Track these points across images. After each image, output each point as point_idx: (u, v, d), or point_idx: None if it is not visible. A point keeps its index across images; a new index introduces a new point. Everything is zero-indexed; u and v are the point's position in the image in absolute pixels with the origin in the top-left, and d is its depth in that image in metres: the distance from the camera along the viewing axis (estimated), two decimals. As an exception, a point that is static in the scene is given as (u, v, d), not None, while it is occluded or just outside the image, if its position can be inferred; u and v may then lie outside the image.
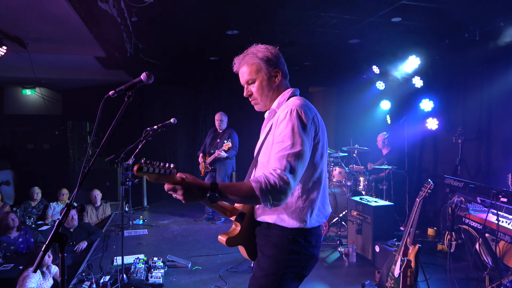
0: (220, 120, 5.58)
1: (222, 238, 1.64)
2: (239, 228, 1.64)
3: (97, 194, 5.70)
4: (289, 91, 1.66)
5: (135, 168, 1.24)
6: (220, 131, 5.62)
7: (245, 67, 1.65)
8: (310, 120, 1.49)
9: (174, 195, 1.36)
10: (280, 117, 1.51)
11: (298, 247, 1.54)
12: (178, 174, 1.36)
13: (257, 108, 1.71)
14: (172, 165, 1.31)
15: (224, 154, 5.33)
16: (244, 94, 1.69)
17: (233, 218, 1.65)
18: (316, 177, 1.56)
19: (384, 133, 5.71)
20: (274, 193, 1.37)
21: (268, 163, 1.52)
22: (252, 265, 1.86)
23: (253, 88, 1.65)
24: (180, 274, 3.76)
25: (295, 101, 1.55)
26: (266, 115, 1.75)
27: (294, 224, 1.53)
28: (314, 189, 1.56)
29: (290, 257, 1.54)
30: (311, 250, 1.58)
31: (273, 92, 1.65)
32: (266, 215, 1.59)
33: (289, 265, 1.54)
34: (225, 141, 5.26)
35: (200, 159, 5.67)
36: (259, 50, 1.63)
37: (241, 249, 1.70)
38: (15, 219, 4.31)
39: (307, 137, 1.47)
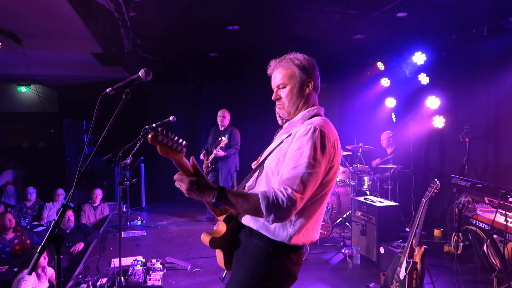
0: (222, 117, 5.52)
1: (205, 238, 1.59)
2: (224, 229, 1.60)
3: (99, 194, 5.62)
4: (315, 109, 1.63)
5: (151, 135, 1.23)
6: (222, 129, 5.56)
7: (279, 71, 1.64)
8: (330, 143, 1.48)
9: (178, 186, 1.36)
10: (301, 131, 1.49)
11: (278, 262, 1.50)
12: (192, 163, 1.38)
13: (281, 113, 1.70)
14: (184, 142, 1.31)
15: (221, 153, 5.24)
16: (273, 97, 1.67)
17: (221, 218, 1.62)
18: (317, 199, 1.53)
19: (388, 131, 5.64)
20: (280, 211, 1.36)
21: (276, 168, 1.51)
22: (224, 274, 1.79)
23: (283, 93, 1.64)
24: (179, 277, 3.70)
25: (320, 120, 1.53)
26: (285, 125, 1.71)
27: (277, 237, 1.49)
28: (311, 209, 1.53)
29: (268, 272, 1.49)
30: (291, 267, 1.53)
31: (301, 101, 1.64)
32: (252, 220, 1.55)
33: (266, 280, 1.49)
34: (222, 138, 5.19)
35: (202, 156, 5.62)
36: (297, 57, 1.63)
37: (219, 254, 1.66)
38: (12, 219, 4.29)
39: (325, 160, 1.46)
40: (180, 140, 1.31)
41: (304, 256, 1.61)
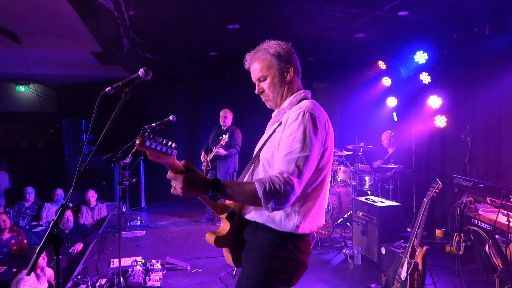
0: (224, 117, 5.49)
1: (210, 238, 1.56)
2: (228, 227, 1.58)
3: (92, 195, 5.58)
4: (301, 93, 1.62)
5: (138, 141, 1.21)
6: (224, 128, 5.54)
7: (256, 64, 1.61)
8: (322, 125, 1.47)
9: (173, 185, 1.33)
10: (291, 117, 1.48)
11: (287, 253, 1.49)
12: (183, 162, 1.34)
13: (268, 105, 1.68)
14: (174, 145, 1.27)
15: (222, 151, 5.21)
16: (256, 91, 1.66)
17: (223, 216, 1.61)
18: (318, 184, 1.52)
19: (389, 131, 5.61)
20: (277, 197, 1.33)
21: (272, 159, 1.50)
22: (234, 272, 1.79)
23: (265, 85, 1.62)
24: (179, 277, 3.68)
25: (308, 103, 1.52)
26: (274, 114, 1.69)
27: (284, 228, 1.48)
28: (313, 195, 1.52)
29: (278, 264, 1.48)
30: (301, 256, 1.53)
31: (285, 88, 1.62)
32: (256, 214, 1.53)
33: (278, 272, 1.48)
34: (223, 136, 5.15)
35: (202, 157, 5.58)
36: (270, 46, 1.60)
37: (226, 252, 1.65)
38: (6, 220, 4.27)
39: (318, 142, 1.44)
40: (170, 143, 1.27)
41: (311, 244, 1.60)
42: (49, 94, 8.31)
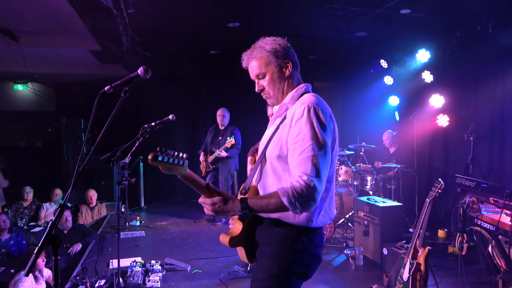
0: (222, 116, 5.44)
1: (224, 239, 1.60)
2: (241, 227, 1.61)
3: (93, 194, 5.56)
4: (302, 87, 1.62)
5: (150, 156, 1.22)
6: (222, 128, 5.49)
7: (254, 62, 1.61)
8: (328, 118, 1.48)
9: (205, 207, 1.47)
10: (296, 114, 1.48)
11: (302, 246, 1.52)
12: (208, 185, 1.46)
13: (270, 102, 1.68)
14: (185, 155, 1.30)
15: (224, 154, 5.17)
16: (256, 89, 1.66)
17: (236, 217, 1.63)
18: (328, 177, 1.52)
19: (390, 130, 5.57)
20: (302, 200, 1.38)
21: (279, 156, 1.51)
22: (249, 268, 1.82)
23: (264, 82, 1.62)
24: (179, 278, 3.66)
25: (311, 98, 1.51)
26: (275, 109, 1.69)
27: (299, 222, 1.51)
28: (324, 188, 1.51)
29: (293, 257, 1.51)
30: (315, 249, 1.56)
31: (285, 84, 1.62)
32: None
33: (293, 266, 1.52)
34: (228, 138, 5.10)
35: (201, 158, 5.53)
36: (266, 42, 1.60)
37: (240, 250, 1.66)
38: (6, 220, 4.25)
39: (327, 136, 1.45)
40: (181, 154, 1.30)
41: (325, 237, 1.64)
42: (47, 93, 8.27)
